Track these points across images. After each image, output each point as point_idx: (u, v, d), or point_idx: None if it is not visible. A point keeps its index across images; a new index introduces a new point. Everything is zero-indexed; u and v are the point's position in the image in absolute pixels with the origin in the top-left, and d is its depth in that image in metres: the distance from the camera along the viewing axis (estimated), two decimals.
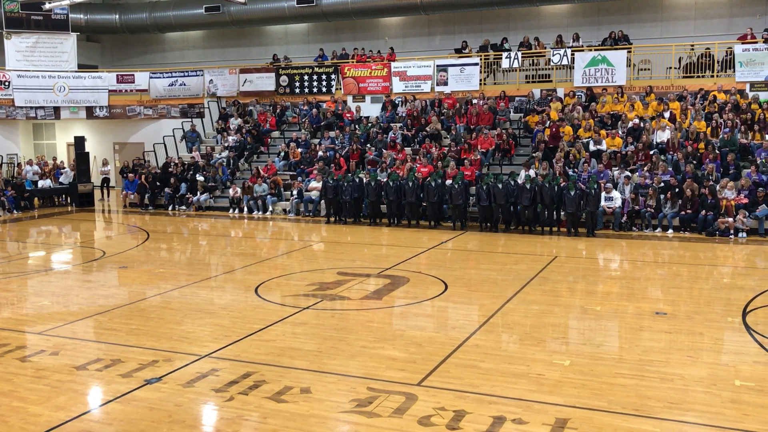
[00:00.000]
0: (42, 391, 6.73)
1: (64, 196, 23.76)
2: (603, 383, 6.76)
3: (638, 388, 6.62)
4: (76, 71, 26.33)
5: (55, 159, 25.45)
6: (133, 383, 6.89)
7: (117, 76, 26.94)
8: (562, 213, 16.39)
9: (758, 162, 16.89)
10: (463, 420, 5.94)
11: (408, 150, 20.52)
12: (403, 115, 22.58)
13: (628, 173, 17.25)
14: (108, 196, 24.96)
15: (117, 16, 29.46)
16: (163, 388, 6.76)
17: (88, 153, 23.84)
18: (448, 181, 17.61)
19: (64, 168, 24.21)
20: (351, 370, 7.23)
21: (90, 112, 26.50)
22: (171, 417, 6.10)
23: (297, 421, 5.98)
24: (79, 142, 23.67)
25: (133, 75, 26.94)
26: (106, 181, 24.95)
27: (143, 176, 22.37)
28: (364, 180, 18.47)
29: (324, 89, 24.99)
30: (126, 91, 26.83)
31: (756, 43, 19.96)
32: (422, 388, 6.70)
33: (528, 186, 16.21)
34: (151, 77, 26.66)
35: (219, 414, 6.19)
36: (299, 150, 22.08)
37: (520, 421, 5.91)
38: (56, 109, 26.06)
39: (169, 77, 26.55)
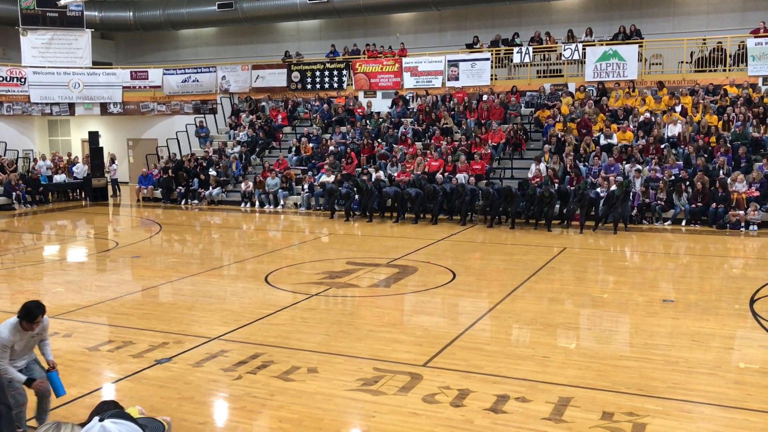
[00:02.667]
0: None
1: (78, 190, 24.02)
2: (607, 365, 6.81)
3: (642, 370, 6.66)
4: (90, 68, 26.60)
5: (69, 155, 25.74)
6: (143, 363, 7.02)
7: (131, 72, 27.20)
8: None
9: None
10: (467, 398, 6.01)
11: (419, 144, 20.58)
12: (415, 110, 22.66)
13: (638, 167, 17.22)
14: (119, 192, 24.80)
15: (131, 14, 29.73)
16: (173, 368, 6.89)
17: (102, 148, 24.07)
18: (460, 175, 17.67)
19: (77, 163, 24.46)
20: (358, 351, 7.33)
21: (104, 108, 26.78)
22: (180, 394, 6.22)
23: (304, 398, 6.08)
24: (93, 137, 23.90)
25: (146, 71, 27.19)
26: (114, 181, 24.53)
27: (169, 170, 22.54)
28: (374, 176, 18.52)
29: (335, 85, 25.11)
30: (140, 87, 27.10)
31: None
32: (428, 368, 6.78)
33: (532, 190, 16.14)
34: (164, 74, 26.89)
35: (227, 391, 6.30)
36: (310, 145, 22.21)
37: (523, 399, 5.98)
38: (71, 106, 26.35)
39: (182, 74, 26.78)
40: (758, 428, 5.42)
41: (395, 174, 19.17)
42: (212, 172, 22.03)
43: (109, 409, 3.70)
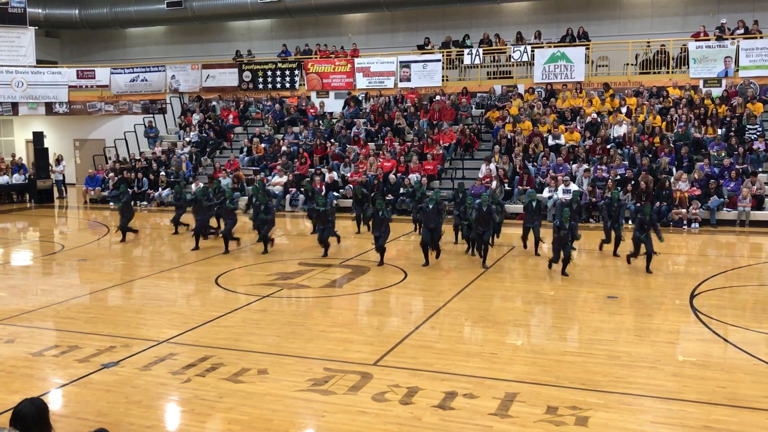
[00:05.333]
0: None
1: (22, 193, 23.36)
2: (552, 360, 6.98)
3: (586, 365, 6.85)
4: (34, 66, 25.90)
5: (13, 156, 25.03)
6: (90, 367, 6.91)
7: (77, 71, 26.57)
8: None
9: (711, 155, 17.39)
10: (416, 395, 6.10)
11: (372, 145, 20.65)
12: (368, 110, 22.70)
13: (586, 166, 17.61)
14: (65, 194, 24.36)
15: (77, 11, 29.04)
16: (120, 372, 6.80)
17: (47, 149, 23.48)
18: (413, 175, 17.78)
19: (22, 165, 23.78)
20: (308, 352, 7.35)
21: (49, 108, 26.09)
22: (128, 398, 6.15)
23: (253, 400, 6.07)
24: (38, 137, 23.31)
25: (93, 71, 26.60)
26: (60, 183, 24.07)
27: (125, 171, 22.11)
28: (327, 176, 18.46)
29: (287, 85, 24.98)
30: (86, 86, 26.48)
31: (709, 40, 20.50)
32: (378, 367, 6.84)
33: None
34: (112, 73, 26.35)
35: (176, 394, 6.26)
36: (262, 145, 22.07)
37: (471, 395, 6.09)
38: (14, 105, 25.60)
39: (130, 73, 26.28)
40: (694, 418, 5.64)
41: (348, 174, 19.20)
42: (162, 173, 21.70)
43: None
